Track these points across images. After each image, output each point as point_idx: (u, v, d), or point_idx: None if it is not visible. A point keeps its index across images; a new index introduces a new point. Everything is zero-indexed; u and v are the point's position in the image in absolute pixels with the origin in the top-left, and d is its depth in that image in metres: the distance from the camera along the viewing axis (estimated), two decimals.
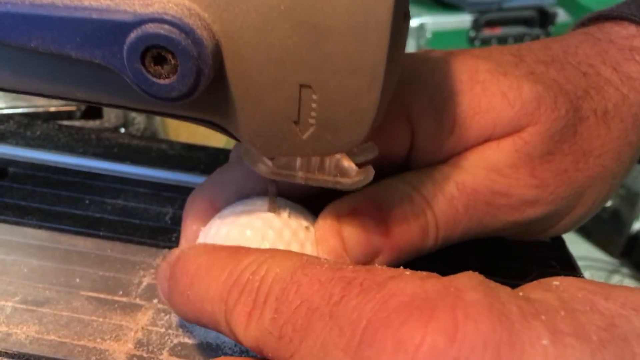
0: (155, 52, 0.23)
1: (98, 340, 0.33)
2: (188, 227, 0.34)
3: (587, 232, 1.85)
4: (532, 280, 0.23)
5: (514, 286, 0.23)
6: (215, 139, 0.62)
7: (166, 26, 0.22)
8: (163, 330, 0.34)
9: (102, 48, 0.23)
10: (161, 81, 0.23)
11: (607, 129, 0.34)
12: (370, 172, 0.29)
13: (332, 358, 0.21)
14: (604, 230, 1.82)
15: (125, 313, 0.35)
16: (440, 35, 1.85)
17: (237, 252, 0.27)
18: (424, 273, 0.23)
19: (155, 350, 0.33)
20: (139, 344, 0.33)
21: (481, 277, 0.22)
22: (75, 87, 0.26)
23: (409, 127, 0.33)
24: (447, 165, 0.34)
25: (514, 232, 0.36)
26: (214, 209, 0.33)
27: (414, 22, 1.82)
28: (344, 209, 0.31)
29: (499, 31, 1.94)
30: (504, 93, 0.33)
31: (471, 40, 1.89)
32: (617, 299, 0.21)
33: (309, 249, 0.31)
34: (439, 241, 0.33)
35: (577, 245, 1.77)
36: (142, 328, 0.34)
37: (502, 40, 1.93)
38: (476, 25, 1.89)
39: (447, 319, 0.20)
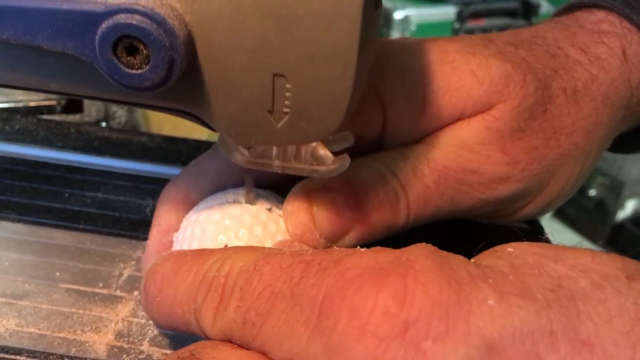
0: (127, 42, 0.23)
1: (78, 332, 0.33)
2: (161, 217, 0.34)
3: (573, 221, 1.87)
4: (484, 246, 0.24)
5: None
6: (199, 133, 0.62)
7: (137, 16, 0.22)
8: (143, 321, 0.34)
9: (74, 39, 0.23)
10: (134, 71, 0.23)
11: (577, 108, 0.35)
12: (346, 160, 0.29)
13: (294, 334, 0.22)
14: (589, 219, 1.83)
15: (106, 305, 0.35)
16: (424, 27, 1.85)
17: (201, 253, 0.27)
18: (378, 248, 0.24)
19: (135, 341, 0.33)
20: (119, 335, 0.33)
21: (433, 248, 0.23)
22: (49, 78, 0.26)
23: (380, 108, 0.34)
24: (419, 144, 0.34)
25: (487, 211, 0.36)
26: (189, 200, 0.33)
27: (398, 15, 1.82)
28: (315, 185, 0.31)
29: (483, 23, 1.94)
30: (473, 71, 0.34)
31: (455, 32, 1.90)
32: (566, 261, 0.21)
33: (272, 229, 0.31)
34: (410, 218, 0.33)
35: (562, 235, 1.78)
36: (123, 319, 0.34)
37: (486, 32, 1.92)
38: (460, 17, 1.90)
39: (397, 285, 0.21)
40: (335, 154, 0.30)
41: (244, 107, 0.26)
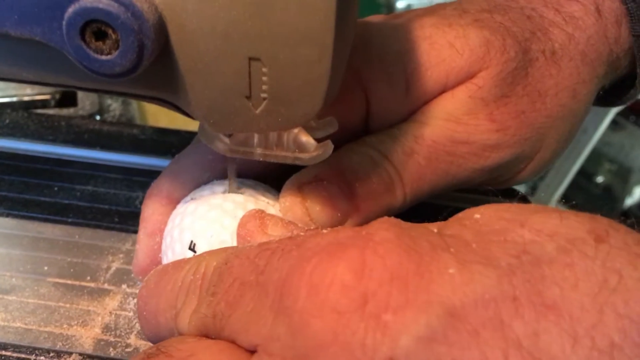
0: (95, 27, 0.22)
1: (65, 326, 0.33)
2: (146, 220, 0.33)
3: (580, 208, 1.85)
4: (446, 216, 0.23)
5: None
6: (195, 125, 0.61)
7: (104, 0, 0.22)
8: (131, 314, 0.34)
9: (41, 25, 0.22)
10: (103, 57, 0.22)
11: (557, 68, 0.34)
12: (329, 147, 0.29)
13: (260, 319, 0.22)
14: (596, 206, 1.81)
15: (93, 298, 0.35)
16: None
17: (180, 261, 0.27)
18: (341, 227, 0.23)
19: (122, 334, 0.33)
20: (106, 328, 0.33)
21: (395, 220, 0.22)
22: (21, 67, 0.25)
23: (362, 93, 0.33)
24: (406, 122, 0.33)
25: (484, 180, 0.35)
26: (172, 199, 0.33)
27: (400, 4, 1.81)
28: (306, 177, 0.31)
29: None
30: (451, 43, 0.33)
31: None
32: (533, 226, 0.21)
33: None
34: (407, 198, 0.33)
35: None
36: (110, 313, 0.34)
37: None
38: None
39: (355, 258, 0.20)
40: (319, 140, 0.29)
41: (221, 93, 0.25)
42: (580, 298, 0.18)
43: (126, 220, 0.40)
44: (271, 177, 0.33)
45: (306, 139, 0.28)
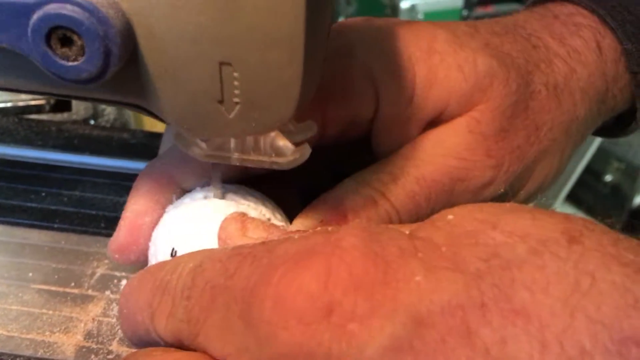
0: (61, 33, 0.22)
1: (47, 333, 0.33)
2: (141, 197, 0.33)
3: (589, 207, 1.84)
4: None
5: None
6: None
7: (68, 6, 0.21)
8: (114, 320, 0.34)
9: (7, 31, 0.22)
10: (69, 63, 0.22)
11: (557, 103, 0.34)
12: (307, 150, 0.28)
13: (230, 327, 0.21)
14: (605, 205, 1.80)
15: (76, 304, 0.34)
16: (432, 16, 1.83)
17: (163, 262, 0.27)
18: (311, 232, 0.23)
19: (104, 341, 0.32)
20: (88, 335, 0.33)
21: (366, 224, 0.22)
22: None
23: (373, 88, 0.33)
24: (405, 159, 0.33)
25: None
26: (174, 182, 0.33)
27: (405, 4, 1.80)
28: (311, 222, 0.31)
29: (491, 9, 1.91)
30: (460, 66, 0.33)
31: (464, 19, 1.87)
32: (505, 227, 0.20)
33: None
34: None
35: None
36: (93, 319, 0.34)
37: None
38: (468, 4, 1.87)
39: (320, 266, 0.20)
40: (297, 144, 0.29)
41: (193, 97, 0.25)
42: (550, 302, 0.18)
43: (113, 225, 0.39)
44: (255, 180, 0.33)
45: (283, 143, 0.28)
